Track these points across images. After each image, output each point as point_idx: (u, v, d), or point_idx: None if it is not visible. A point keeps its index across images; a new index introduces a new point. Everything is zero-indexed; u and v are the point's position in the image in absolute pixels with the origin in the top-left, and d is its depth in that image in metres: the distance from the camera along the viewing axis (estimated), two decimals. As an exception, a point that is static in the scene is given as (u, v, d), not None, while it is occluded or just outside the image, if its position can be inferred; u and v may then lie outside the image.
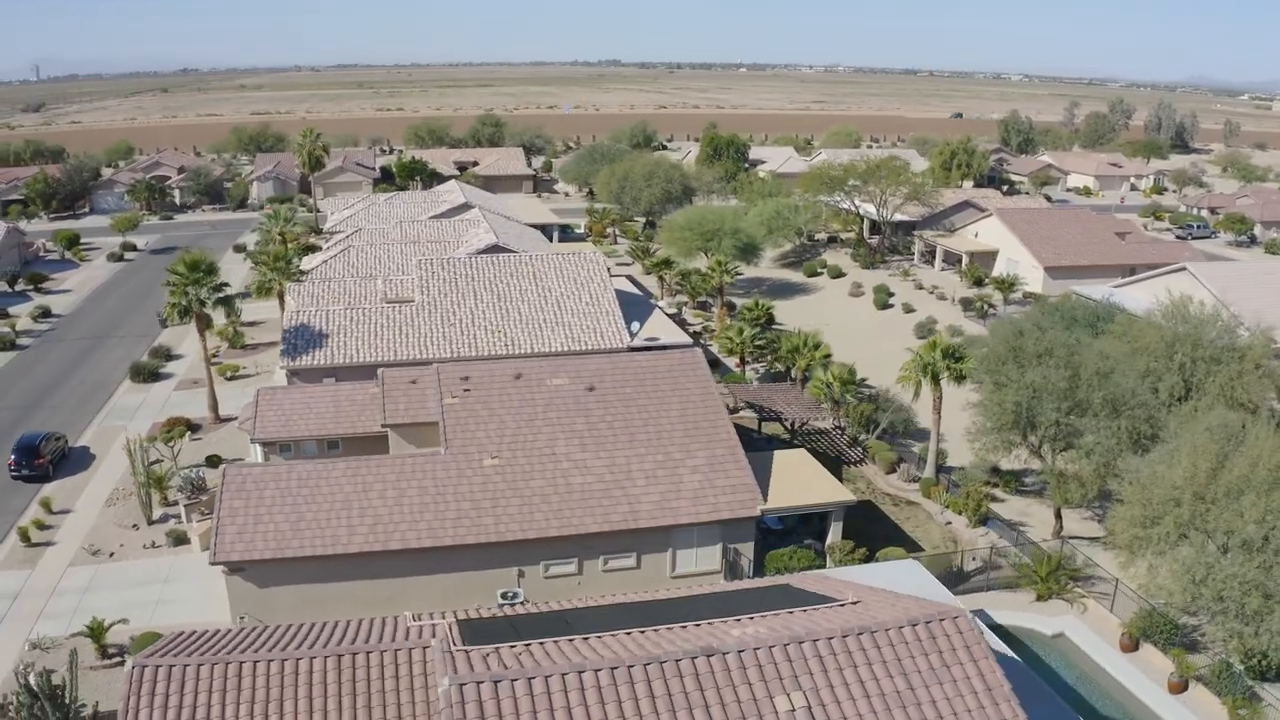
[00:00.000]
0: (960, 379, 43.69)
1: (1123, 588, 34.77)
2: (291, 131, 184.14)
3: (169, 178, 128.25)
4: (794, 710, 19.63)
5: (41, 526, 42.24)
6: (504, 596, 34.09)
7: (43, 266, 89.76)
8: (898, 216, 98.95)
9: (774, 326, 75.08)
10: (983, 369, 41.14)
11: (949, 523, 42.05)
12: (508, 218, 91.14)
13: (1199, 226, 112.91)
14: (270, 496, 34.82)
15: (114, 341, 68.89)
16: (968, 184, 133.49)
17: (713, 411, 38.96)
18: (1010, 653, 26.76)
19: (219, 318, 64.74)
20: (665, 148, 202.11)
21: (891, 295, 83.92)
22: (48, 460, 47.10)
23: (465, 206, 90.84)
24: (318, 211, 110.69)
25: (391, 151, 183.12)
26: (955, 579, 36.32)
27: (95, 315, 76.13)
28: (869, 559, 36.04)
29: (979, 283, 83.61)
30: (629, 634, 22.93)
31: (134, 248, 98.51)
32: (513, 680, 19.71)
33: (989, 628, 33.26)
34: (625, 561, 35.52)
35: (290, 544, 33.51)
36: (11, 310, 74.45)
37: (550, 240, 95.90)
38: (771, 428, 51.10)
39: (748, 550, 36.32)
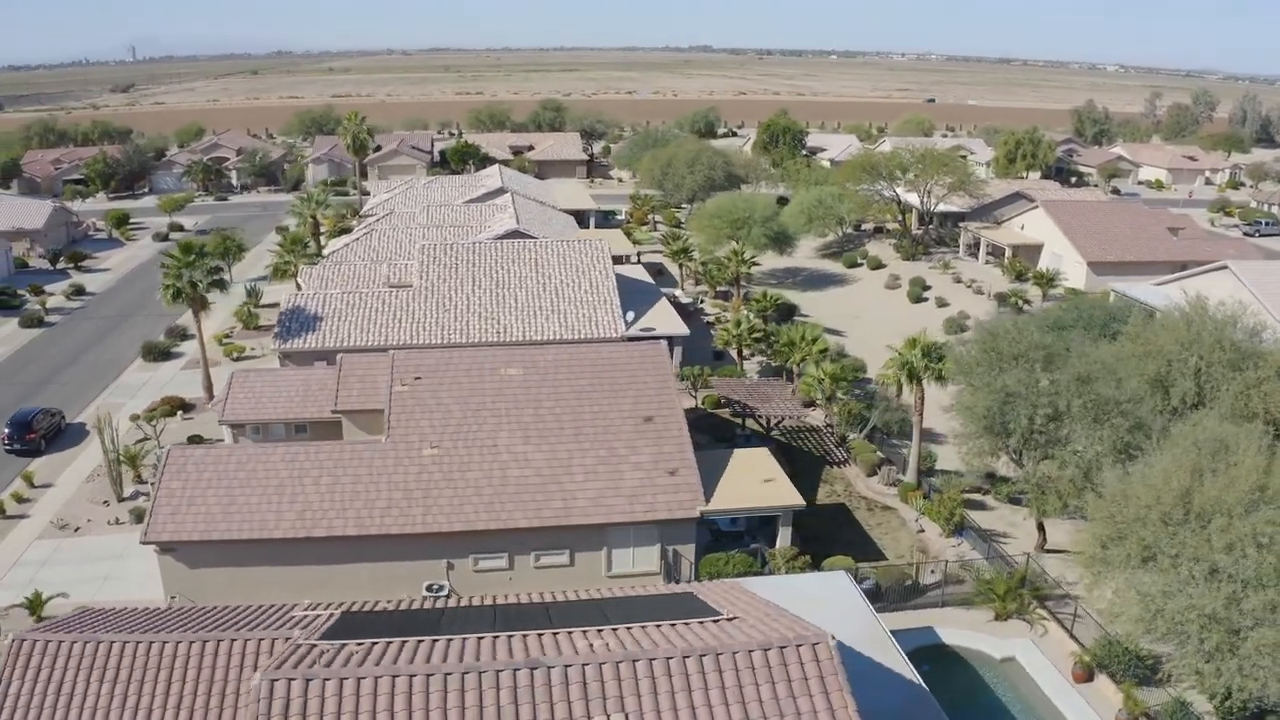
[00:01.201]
0: (940, 379, 41.47)
1: (1085, 611, 32.45)
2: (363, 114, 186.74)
3: (227, 159, 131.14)
4: (611, 733, 18.46)
5: (20, 499, 43.11)
6: (429, 589, 33.44)
7: (90, 245, 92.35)
8: (946, 207, 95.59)
9: (795, 319, 73.17)
10: (959, 370, 38.89)
11: (921, 531, 39.97)
12: (541, 203, 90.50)
13: (1268, 224, 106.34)
14: (208, 479, 34.76)
15: (138, 320, 70.31)
16: (1034, 175, 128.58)
17: (666, 407, 37.62)
18: (917, 679, 24.88)
19: (235, 299, 65.73)
20: (736, 134, 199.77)
21: (927, 288, 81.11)
22: (39, 435, 48.09)
23: (499, 191, 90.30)
24: (363, 194, 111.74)
25: (458, 135, 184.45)
26: (908, 593, 34.41)
27: (127, 294, 77.90)
28: (815, 567, 34.37)
29: (1021, 277, 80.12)
30: (481, 639, 21.99)
31: (181, 228, 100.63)
32: (324, 680, 19.01)
33: (931, 648, 31.57)
34: (558, 559, 34.53)
35: (218, 527, 33.42)
36: (48, 288, 76.53)
37: (586, 226, 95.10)
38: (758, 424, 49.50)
39: (688, 552, 34.97)
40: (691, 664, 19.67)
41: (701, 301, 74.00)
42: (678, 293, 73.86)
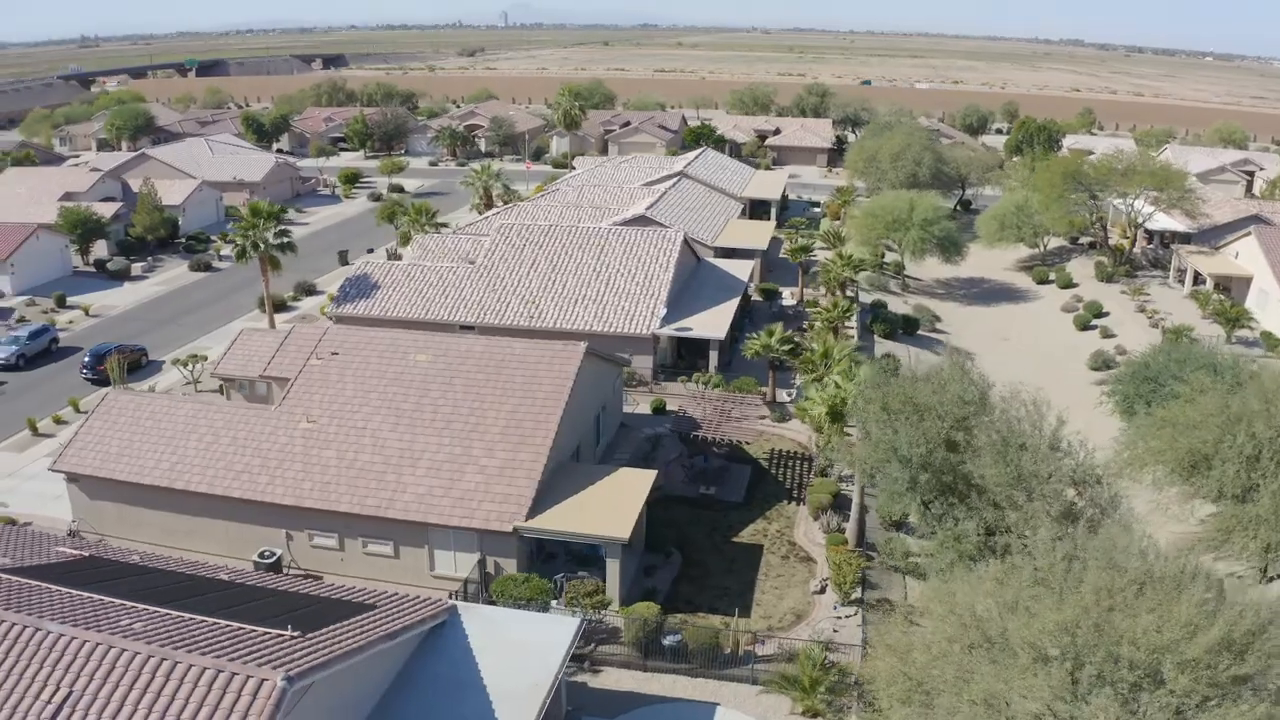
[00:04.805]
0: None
1: None
2: (665, 92, 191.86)
3: (479, 127, 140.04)
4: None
5: (58, 421, 49.07)
6: (260, 555, 34.64)
7: (310, 200, 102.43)
8: (1172, 225, 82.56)
9: (921, 334, 66.88)
10: (863, 416, 33.84)
11: (820, 592, 35.37)
12: (714, 189, 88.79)
13: None
14: (124, 423, 38.19)
15: (290, 274, 75.82)
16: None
17: (547, 412, 36.12)
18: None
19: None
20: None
21: (1102, 315, 71.11)
22: (107, 368, 54.51)
23: (676, 175, 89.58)
24: (572, 169, 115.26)
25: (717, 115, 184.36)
26: (723, 661, 30.70)
27: (303, 249, 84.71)
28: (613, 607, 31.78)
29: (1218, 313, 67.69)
30: (102, 600, 22.88)
31: (401, 189, 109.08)
32: None
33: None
34: (383, 549, 34.51)
35: (108, 465, 36.72)
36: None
37: (766, 217, 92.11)
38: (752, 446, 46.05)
39: (510, 566, 33.53)
40: (152, 664, 19.49)
41: (801, 303, 69.36)
42: (787, 293, 69.99)
